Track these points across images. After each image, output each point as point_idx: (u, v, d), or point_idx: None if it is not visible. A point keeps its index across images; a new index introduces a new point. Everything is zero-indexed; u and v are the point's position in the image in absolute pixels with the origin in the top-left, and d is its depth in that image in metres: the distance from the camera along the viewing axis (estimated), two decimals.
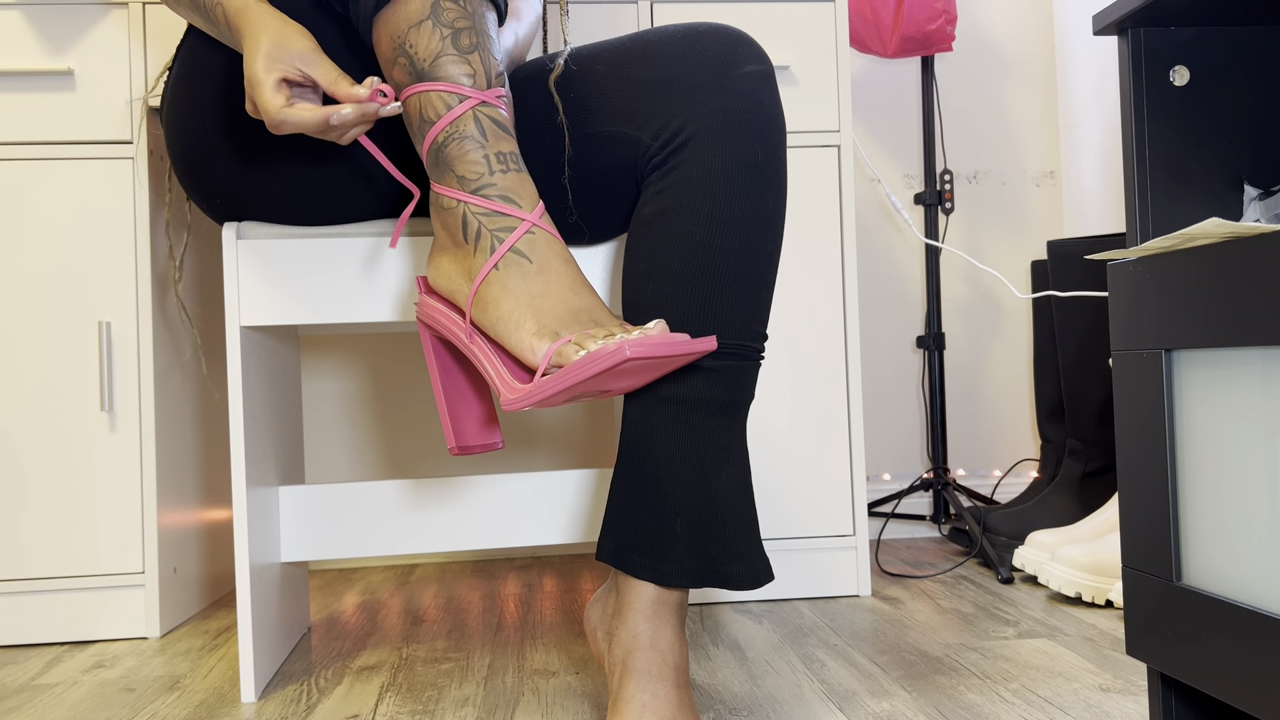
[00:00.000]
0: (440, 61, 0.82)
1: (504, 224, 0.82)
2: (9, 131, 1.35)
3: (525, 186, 0.84)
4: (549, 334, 0.78)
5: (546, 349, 0.78)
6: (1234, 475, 0.65)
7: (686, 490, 0.89)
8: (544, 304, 0.80)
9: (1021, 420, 2.09)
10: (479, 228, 0.82)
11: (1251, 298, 0.61)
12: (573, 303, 0.81)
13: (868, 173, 2.06)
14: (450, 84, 0.82)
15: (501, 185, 0.83)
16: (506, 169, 0.83)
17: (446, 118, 0.82)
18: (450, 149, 0.83)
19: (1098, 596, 1.37)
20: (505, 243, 0.81)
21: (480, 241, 0.82)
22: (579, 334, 0.77)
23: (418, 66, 0.83)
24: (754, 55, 0.95)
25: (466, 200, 0.83)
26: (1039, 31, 2.11)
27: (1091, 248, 1.61)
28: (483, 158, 0.82)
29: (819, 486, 1.48)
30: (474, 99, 0.82)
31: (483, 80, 0.83)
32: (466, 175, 0.83)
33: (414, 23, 0.82)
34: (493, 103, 0.83)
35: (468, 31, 0.83)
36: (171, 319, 1.45)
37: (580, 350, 0.75)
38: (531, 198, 0.84)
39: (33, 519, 1.34)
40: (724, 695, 1.05)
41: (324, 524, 1.19)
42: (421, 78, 0.83)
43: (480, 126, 0.83)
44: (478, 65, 0.83)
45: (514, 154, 0.84)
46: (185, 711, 1.05)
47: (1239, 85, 0.78)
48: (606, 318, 0.81)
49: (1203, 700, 0.76)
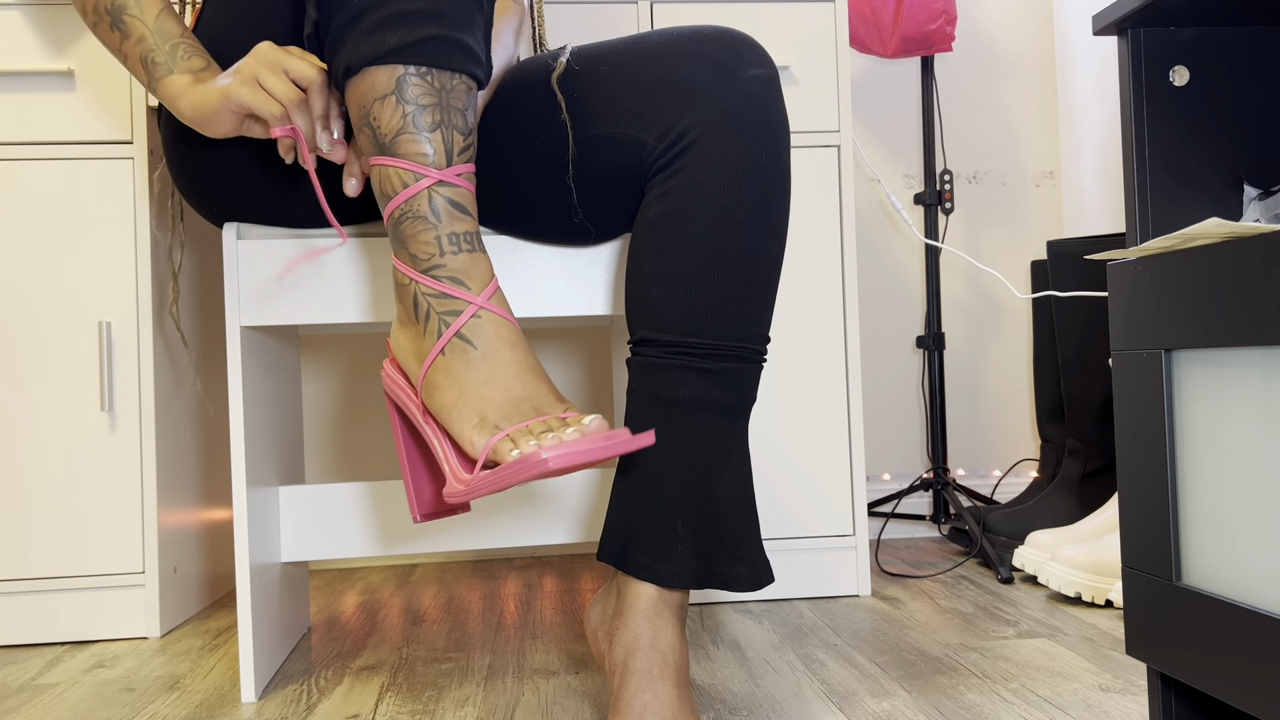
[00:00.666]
0: (400, 139, 0.82)
1: (451, 306, 0.82)
2: (9, 131, 1.35)
3: (477, 267, 0.83)
4: (489, 427, 0.79)
5: (484, 444, 0.78)
6: (1234, 475, 0.65)
7: (688, 491, 0.89)
8: (486, 393, 0.80)
9: (1021, 420, 2.09)
10: (428, 309, 0.83)
11: (1251, 298, 0.61)
12: (515, 391, 0.81)
13: (868, 173, 2.06)
14: (408, 162, 0.82)
15: (451, 267, 0.82)
16: (458, 250, 0.83)
17: (402, 195, 0.82)
18: (404, 226, 0.83)
19: (1098, 596, 1.37)
20: (450, 328, 0.81)
21: (429, 324, 0.83)
22: (517, 428, 0.78)
23: (379, 140, 0.82)
24: (759, 59, 0.95)
25: (417, 280, 0.83)
26: (1039, 31, 2.11)
27: (1091, 248, 1.61)
28: (434, 238, 0.82)
29: (819, 486, 1.48)
30: (430, 179, 0.82)
31: (442, 159, 0.82)
32: (418, 255, 0.83)
33: (379, 96, 0.81)
34: (452, 181, 0.83)
35: (432, 109, 0.82)
36: (170, 329, 1.45)
37: (514, 449, 0.76)
38: (482, 279, 0.83)
39: (33, 519, 1.34)
40: (724, 695, 1.05)
41: (324, 524, 1.19)
42: (382, 151, 0.82)
43: (434, 207, 0.82)
44: (438, 144, 0.82)
45: (469, 234, 0.84)
46: (185, 711, 1.05)
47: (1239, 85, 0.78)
48: (550, 404, 0.81)
49: (1203, 700, 0.76)
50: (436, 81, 0.82)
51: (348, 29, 0.81)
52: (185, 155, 1.03)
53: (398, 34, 0.80)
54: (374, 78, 0.81)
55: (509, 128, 0.99)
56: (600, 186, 0.98)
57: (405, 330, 0.86)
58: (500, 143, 1.00)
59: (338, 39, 0.82)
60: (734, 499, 0.91)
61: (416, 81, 0.81)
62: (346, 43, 0.82)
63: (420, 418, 0.85)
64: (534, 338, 1.88)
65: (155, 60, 0.94)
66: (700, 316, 0.89)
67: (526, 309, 1.10)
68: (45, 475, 1.34)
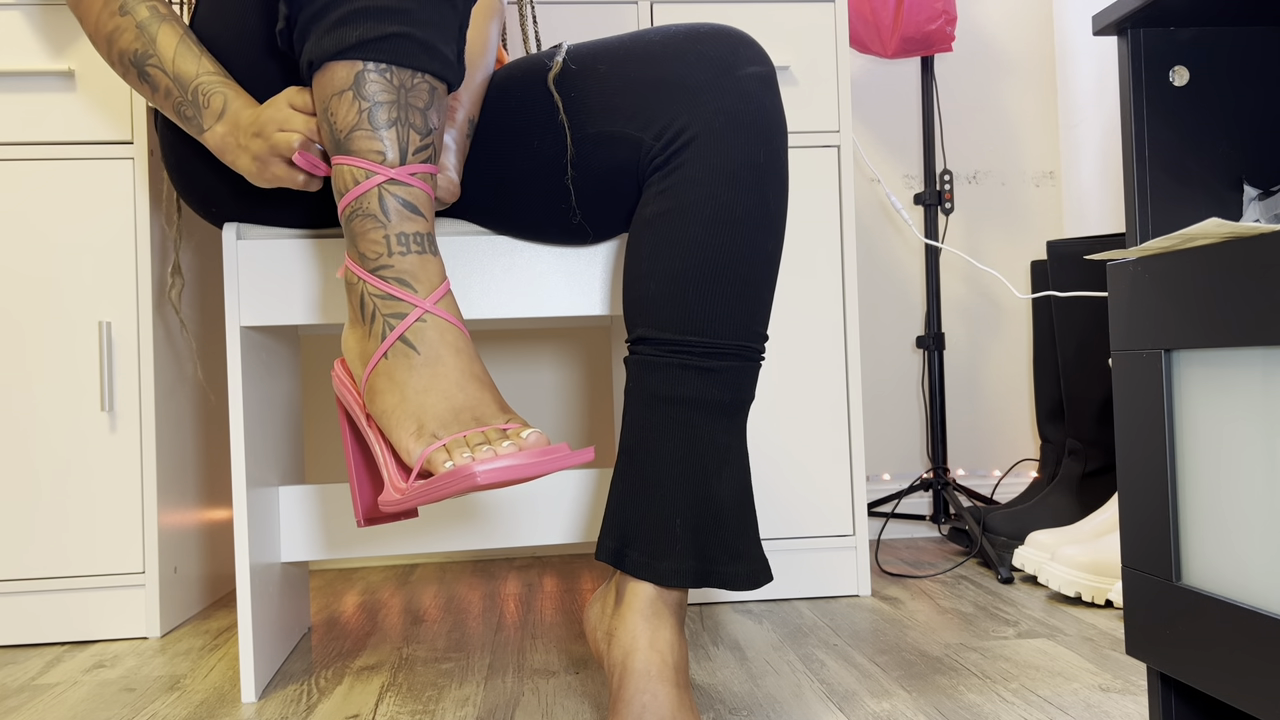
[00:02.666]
0: (354, 135, 0.81)
1: (396, 309, 0.80)
2: (9, 131, 1.35)
3: (426, 270, 0.82)
4: (426, 436, 0.77)
5: (419, 454, 0.77)
6: (1234, 475, 0.65)
7: (686, 490, 0.89)
8: (427, 400, 0.79)
9: (1021, 420, 2.09)
10: (374, 309, 0.81)
11: (1251, 298, 0.61)
12: (456, 400, 0.79)
13: (868, 173, 2.06)
14: (360, 159, 0.81)
15: (399, 268, 0.81)
16: (407, 251, 0.81)
17: (353, 192, 0.81)
18: (354, 224, 0.82)
19: (1097, 596, 1.37)
20: (394, 331, 0.80)
21: (374, 325, 0.81)
22: (454, 438, 0.76)
23: (335, 135, 0.82)
24: (756, 56, 0.94)
25: (364, 279, 0.82)
26: (1039, 31, 2.11)
27: (1091, 248, 1.61)
28: (383, 238, 0.81)
29: (819, 486, 1.48)
30: (380, 177, 0.80)
31: (396, 157, 0.81)
32: (366, 253, 0.82)
33: (337, 90, 0.81)
34: (404, 180, 0.81)
35: (389, 105, 0.80)
36: (171, 320, 1.45)
37: (448, 461, 0.75)
38: (431, 281, 0.82)
39: (33, 519, 1.34)
40: (724, 695, 1.05)
41: (324, 524, 1.19)
42: (338, 148, 0.82)
43: (384, 205, 0.81)
44: (393, 141, 0.81)
45: (419, 235, 0.82)
46: (185, 711, 1.05)
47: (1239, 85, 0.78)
48: (491, 413, 0.79)
49: (1203, 700, 0.76)
50: (396, 79, 0.81)
51: (312, 24, 0.81)
52: (183, 158, 1.03)
53: (359, 29, 0.79)
54: (334, 72, 0.81)
55: (507, 127, 0.99)
56: (598, 185, 0.98)
57: (354, 331, 0.84)
58: (498, 143, 1.00)
59: (303, 33, 0.82)
60: (732, 498, 0.91)
61: (375, 78, 0.80)
62: (310, 37, 0.81)
63: (364, 421, 0.84)
64: (534, 338, 1.88)
65: (187, 115, 0.95)
66: (698, 315, 0.89)
67: (526, 309, 1.10)
68: (45, 475, 1.34)
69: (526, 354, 1.88)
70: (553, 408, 1.88)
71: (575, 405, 1.89)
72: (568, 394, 1.88)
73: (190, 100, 0.93)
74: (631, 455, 0.91)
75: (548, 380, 1.88)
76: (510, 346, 1.88)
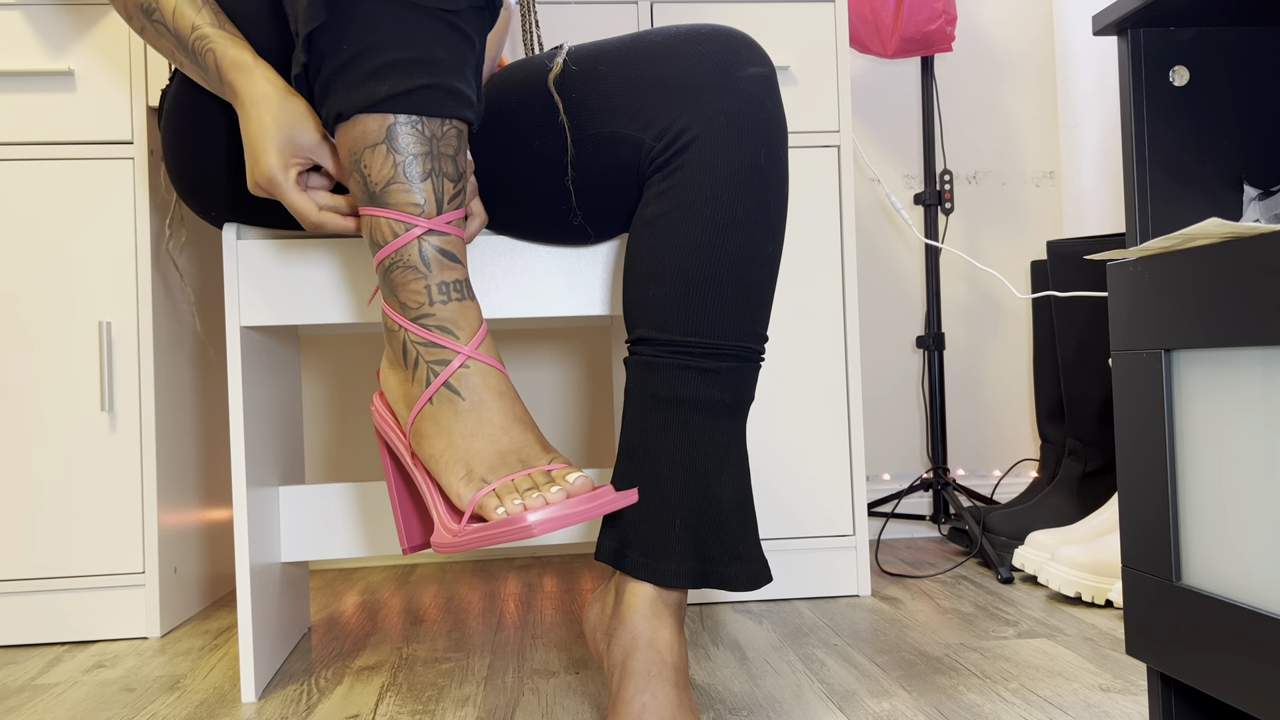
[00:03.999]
0: (391, 188, 0.81)
1: (440, 355, 0.82)
2: (9, 131, 1.35)
3: (466, 316, 0.83)
4: (476, 480, 0.79)
5: (470, 498, 0.79)
6: (1234, 475, 0.65)
7: (685, 491, 0.89)
8: (473, 444, 0.81)
9: (1021, 420, 2.09)
10: (416, 356, 0.83)
11: (1251, 298, 0.61)
12: (502, 443, 0.81)
13: (868, 173, 2.06)
14: (398, 212, 0.81)
15: (441, 316, 0.82)
16: (448, 299, 0.83)
17: (392, 245, 0.82)
18: (395, 275, 0.83)
19: (1097, 596, 1.37)
20: (438, 378, 0.82)
21: (417, 371, 0.83)
22: (503, 483, 0.78)
23: (369, 189, 0.82)
24: (756, 57, 0.95)
25: (406, 327, 0.83)
26: (1039, 31, 2.11)
27: (1091, 248, 1.61)
28: (424, 288, 0.82)
29: (819, 486, 1.48)
30: (420, 228, 0.81)
31: (433, 208, 0.82)
32: (408, 303, 0.83)
33: (369, 144, 0.81)
34: (442, 230, 0.82)
35: (423, 158, 0.81)
36: (182, 315, 1.45)
37: (499, 507, 0.76)
38: (471, 326, 0.83)
39: (33, 519, 1.34)
40: (724, 695, 1.05)
41: (324, 524, 1.19)
42: (373, 200, 0.82)
43: (424, 256, 0.82)
44: (429, 193, 0.82)
45: (459, 283, 0.84)
46: (185, 711, 1.05)
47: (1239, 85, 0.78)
48: (536, 454, 0.81)
49: (1203, 700, 0.76)
50: (427, 129, 0.81)
51: (338, 76, 0.80)
52: (184, 160, 1.03)
53: (388, 83, 0.79)
54: (365, 125, 0.80)
55: (507, 128, 0.99)
56: (599, 186, 0.98)
57: (395, 372, 0.86)
58: (499, 143, 1.00)
59: (328, 85, 0.81)
60: (732, 498, 0.91)
61: (407, 131, 0.80)
62: (337, 89, 0.81)
63: (409, 460, 0.86)
64: (534, 338, 1.88)
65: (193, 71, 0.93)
66: (698, 315, 0.89)
67: (526, 309, 1.10)
68: (46, 475, 1.34)
69: (526, 354, 1.88)
70: (553, 408, 1.88)
71: (575, 405, 1.89)
72: (568, 394, 1.88)
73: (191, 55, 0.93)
74: (631, 455, 0.91)
75: (548, 380, 1.88)
76: (510, 346, 1.88)
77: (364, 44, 0.79)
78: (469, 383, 0.82)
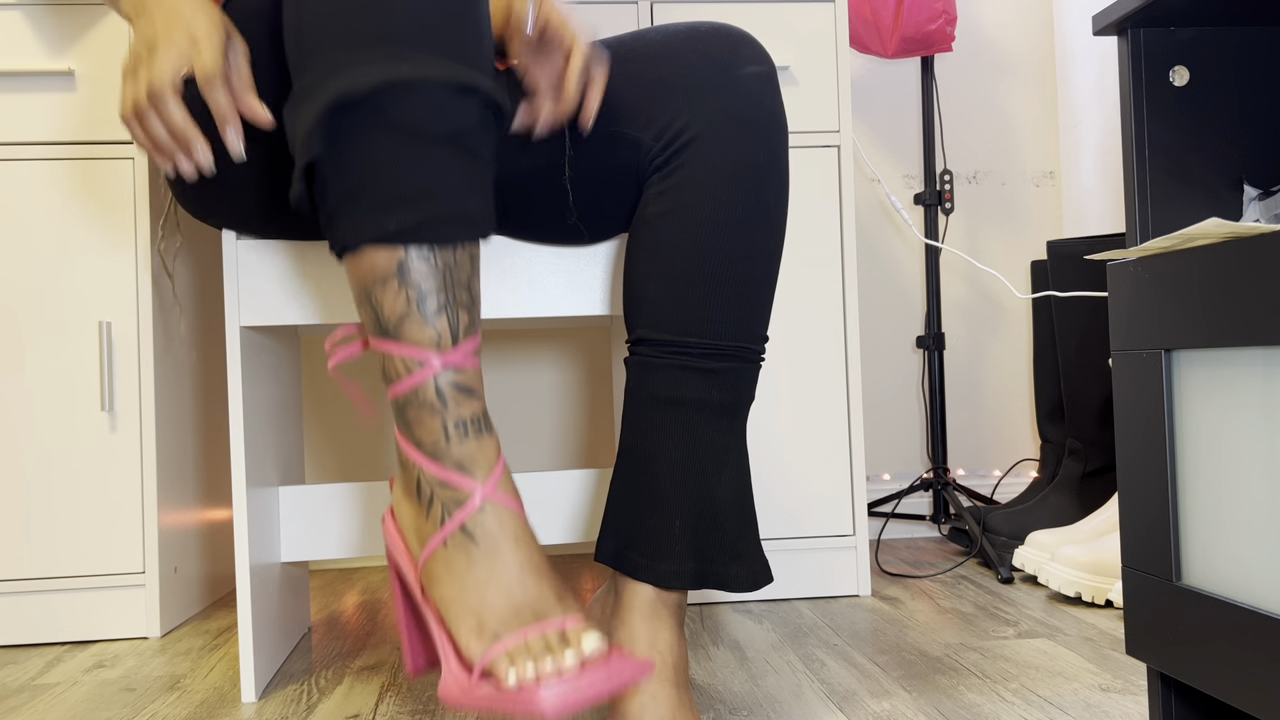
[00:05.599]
0: (404, 325, 0.78)
1: (455, 495, 0.78)
2: (9, 131, 1.35)
3: (484, 452, 0.80)
4: (488, 635, 0.76)
5: (481, 654, 0.75)
6: (1234, 475, 0.65)
7: (685, 491, 0.89)
8: (486, 595, 0.77)
9: (1021, 420, 2.09)
10: (431, 494, 0.79)
11: (1251, 298, 0.61)
12: (515, 596, 0.77)
13: (868, 173, 2.06)
14: (412, 349, 0.78)
15: (457, 455, 0.79)
16: (465, 436, 0.79)
17: (407, 382, 0.78)
18: (409, 413, 0.79)
19: (1098, 596, 1.37)
20: (453, 519, 0.78)
21: (432, 510, 0.79)
22: (516, 644, 0.74)
23: (381, 323, 0.79)
24: (756, 56, 0.94)
25: (422, 465, 0.80)
26: (1039, 31, 2.11)
27: (1091, 248, 1.61)
28: (440, 425, 0.79)
29: (819, 486, 1.48)
30: (435, 366, 0.78)
31: (448, 341, 0.78)
32: (422, 440, 0.79)
33: (379, 279, 0.77)
34: (457, 364, 0.79)
35: (437, 291, 0.78)
36: (172, 319, 1.45)
37: (511, 669, 0.73)
38: (489, 463, 0.80)
39: (33, 519, 1.34)
40: (724, 695, 1.05)
41: (324, 524, 1.19)
42: (385, 335, 0.79)
43: (440, 393, 0.78)
44: (444, 327, 0.78)
45: (476, 418, 0.80)
46: (185, 711, 1.05)
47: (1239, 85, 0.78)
48: (550, 606, 0.77)
49: (1203, 700, 0.76)
50: (440, 260, 0.78)
51: (344, 207, 0.77)
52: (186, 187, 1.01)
53: (395, 217, 0.76)
54: (373, 259, 0.77)
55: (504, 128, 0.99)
56: (597, 186, 0.98)
57: (408, 502, 0.82)
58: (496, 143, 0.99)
59: (333, 215, 0.78)
60: (732, 499, 0.91)
61: (419, 264, 0.77)
62: (342, 221, 0.78)
63: (419, 596, 0.82)
64: (534, 337, 1.88)
65: None
66: (698, 316, 0.89)
67: (526, 309, 1.10)
68: (45, 475, 1.34)
69: (526, 354, 1.88)
70: (553, 408, 1.88)
71: (575, 405, 1.89)
72: (568, 394, 1.88)
73: None
74: (631, 456, 0.91)
75: (548, 380, 1.88)
76: (510, 346, 1.88)
77: (368, 176, 0.76)
78: (484, 527, 0.78)
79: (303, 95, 0.78)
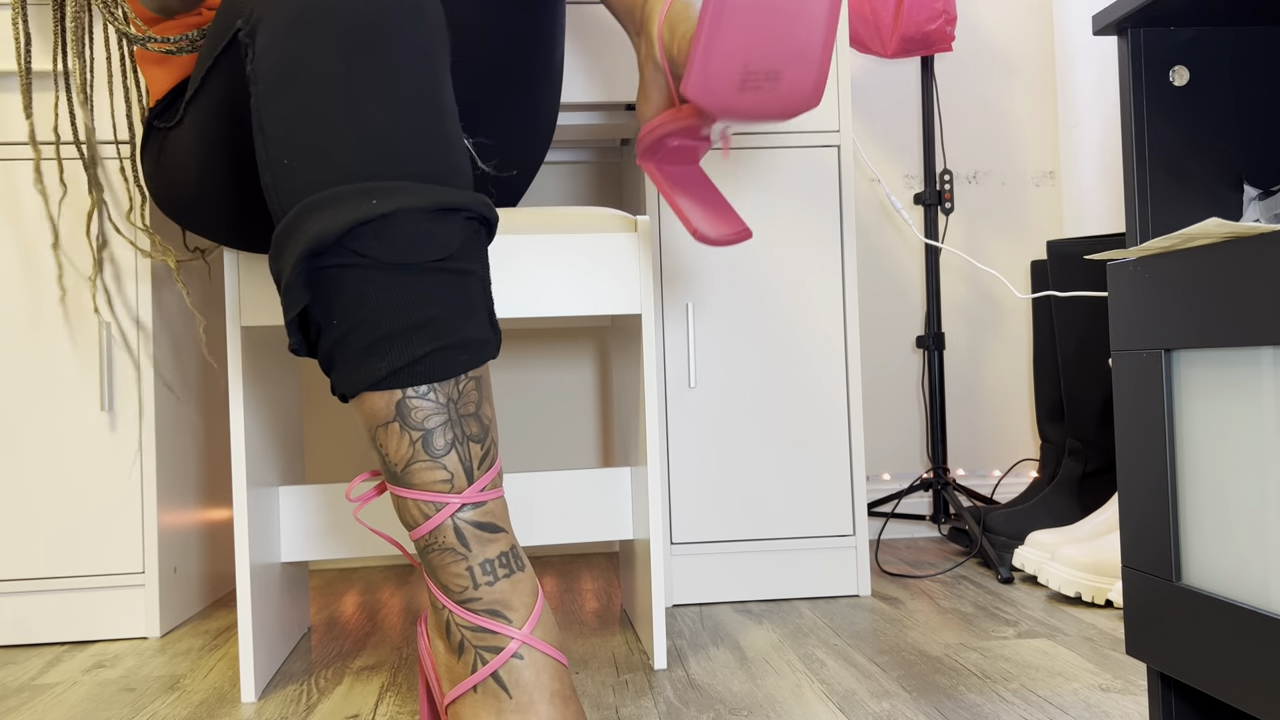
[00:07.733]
0: (411, 469, 0.74)
1: (490, 642, 0.74)
2: (10, 131, 1.35)
3: (519, 592, 0.75)
4: None
5: None
6: (1234, 475, 0.65)
7: None
8: None
9: (1021, 420, 2.09)
10: (462, 639, 0.75)
11: (1251, 298, 0.61)
12: None
13: (868, 173, 2.06)
14: (425, 493, 0.74)
15: (488, 599, 0.74)
16: (494, 579, 0.74)
17: (424, 528, 0.74)
18: (432, 558, 0.75)
19: (1098, 596, 1.37)
20: (486, 667, 0.73)
21: (464, 655, 0.75)
22: None
23: (390, 469, 0.75)
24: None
25: (452, 610, 0.75)
26: (1039, 31, 2.11)
27: (1091, 248, 1.61)
28: (465, 570, 0.74)
29: (819, 486, 1.48)
30: (451, 507, 0.74)
31: (462, 480, 0.74)
32: (450, 586, 0.75)
33: (380, 423, 0.73)
34: (475, 500, 0.74)
35: (442, 429, 0.73)
36: (172, 320, 1.45)
37: None
38: (526, 605, 0.75)
39: (33, 519, 1.34)
40: (724, 695, 1.05)
41: (324, 524, 1.19)
42: (396, 481, 0.75)
43: (461, 535, 0.74)
44: (455, 466, 0.74)
45: (505, 555, 0.75)
46: (185, 711, 1.05)
47: (1239, 85, 0.78)
48: None
49: (1203, 700, 0.76)
50: (442, 395, 0.73)
51: (336, 351, 0.73)
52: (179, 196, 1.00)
53: (386, 359, 0.71)
54: (372, 404, 0.73)
55: None
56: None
57: (439, 636, 0.78)
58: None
59: (328, 359, 0.74)
60: None
61: (418, 404, 0.73)
62: (336, 366, 0.74)
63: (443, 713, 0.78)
64: (534, 337, 1.88)
65: None
66: None
67: (526, 309, 1.10)
68: (45, 475, 1.34)
69: (526, 354, 1.88)
70: (553, 408, 1.88)
71: (576, 405, 1.89)
72: (568, 394, 1.88)
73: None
74: None
75: (548, 380, 1.88)
76: (510, 346, 1.88)
77: (354, 319, 0.71)
78: (520, 678, 0.73)
79: (278, 243, 0.73)
